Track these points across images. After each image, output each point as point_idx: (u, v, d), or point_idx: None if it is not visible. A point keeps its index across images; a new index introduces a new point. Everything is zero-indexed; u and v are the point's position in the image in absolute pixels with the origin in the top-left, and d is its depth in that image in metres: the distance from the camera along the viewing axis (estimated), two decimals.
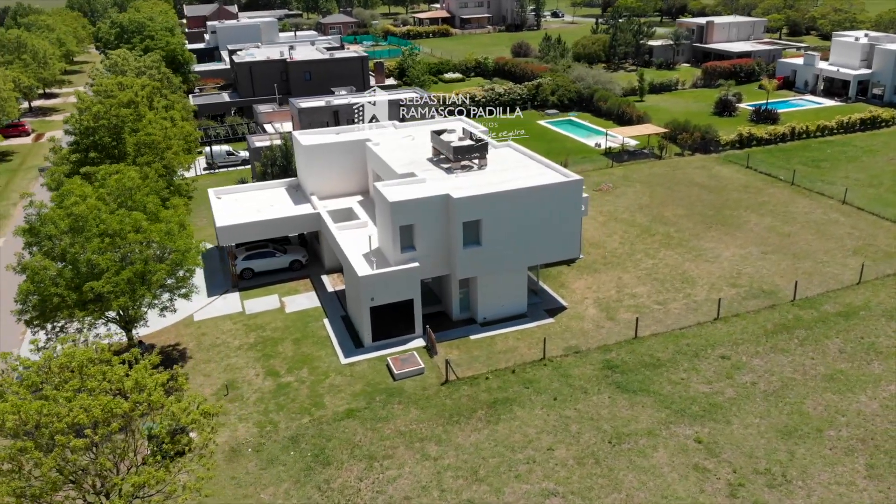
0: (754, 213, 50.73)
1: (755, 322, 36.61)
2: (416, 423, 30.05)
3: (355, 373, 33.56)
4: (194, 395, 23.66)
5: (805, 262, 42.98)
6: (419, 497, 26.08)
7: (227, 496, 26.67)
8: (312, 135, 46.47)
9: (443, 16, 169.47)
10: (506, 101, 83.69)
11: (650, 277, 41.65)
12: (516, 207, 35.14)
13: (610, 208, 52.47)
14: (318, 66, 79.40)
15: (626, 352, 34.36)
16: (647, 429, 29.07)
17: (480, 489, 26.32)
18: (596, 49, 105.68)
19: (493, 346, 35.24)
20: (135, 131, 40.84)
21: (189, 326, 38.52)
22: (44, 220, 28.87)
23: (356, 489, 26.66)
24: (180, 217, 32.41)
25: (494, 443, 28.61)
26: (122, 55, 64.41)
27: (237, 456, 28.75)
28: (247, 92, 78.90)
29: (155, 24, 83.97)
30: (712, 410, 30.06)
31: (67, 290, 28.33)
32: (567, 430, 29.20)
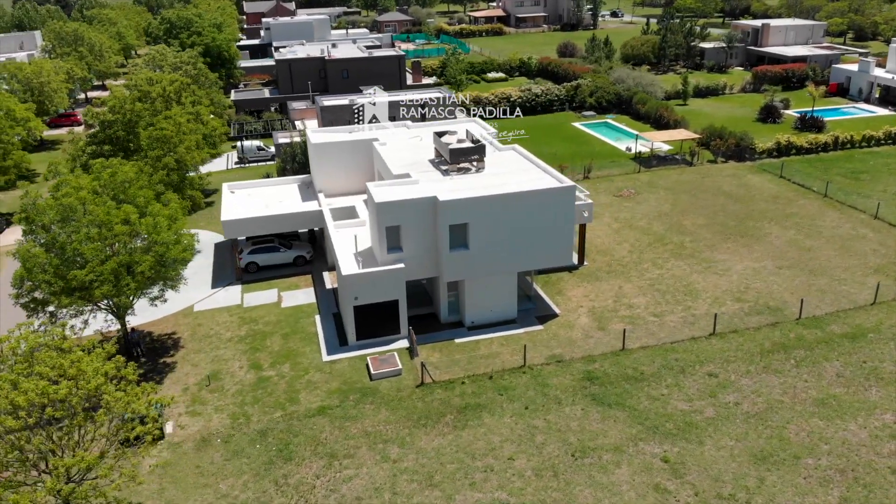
0: (778, 225, 48.63)
1: (753, 339, 35.13)
2: (383, 424, 30.13)
3: (335, 370, 33.89)
4: (146, 385, 24.33)
5: (821, 278, 40.96)
6: (370, 498, 26.16)
7: (187, 484, 27.38)
8: (324, 133, 47.10)
9: (498, 14, 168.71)
10: (542, 102, 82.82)
11: (652, 288, 40.49)
12: (505, 212, 34.73)
13: (627, 215, 51.23)
14: (355, 64, 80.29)
15: (609, 363, 33.53)
16: (614, 444, 28.31)
17: (432, 494, 26.19)
18: (644, 50, 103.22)
19: (476, 350, 34.97)
20: (151, 125, 42.23)
21: (188, 316, 39.67)
22: (37, 209, 30.26)
23: (311, 486, 26.95)
24: (172, 211, 33.36)
25: (456, 449, 28.41)
26: (160, 51, 66.76)
27: (206, 445, 29.47)
28: (286, 89, 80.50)
29: (203, 20, 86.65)
30: (686, 429, 29.02)
31: (55, 277, 29.63)
32: (532, 440, 28.73)
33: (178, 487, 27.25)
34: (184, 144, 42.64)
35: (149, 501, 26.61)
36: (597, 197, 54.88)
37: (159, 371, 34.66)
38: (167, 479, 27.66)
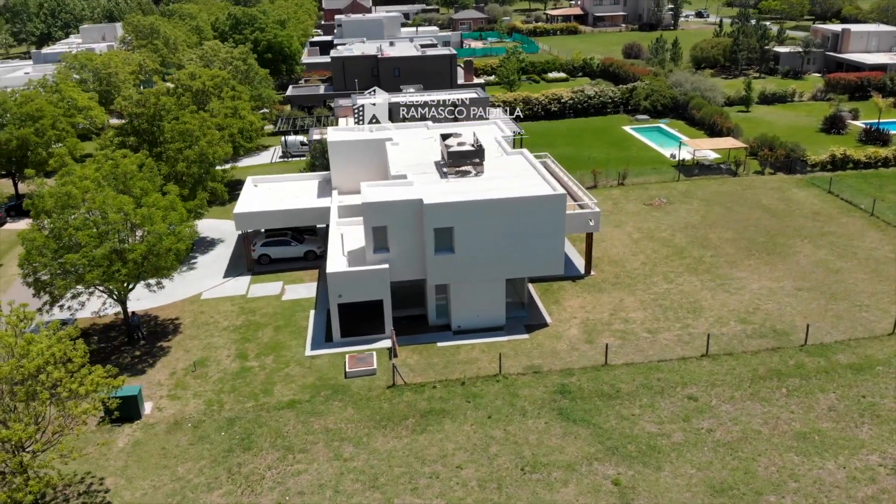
0: (811, 243, 45.78)
1: (747, 364, 33.32)
2: (346, 422, 30.51)
3: (314, 366, 34.54)
4: (96, 368, 25.53)
5: (841, 303, 38.33)
6: (312, 494, 26.59)
7: (149, 463, 28.64)
8: (342, 131, 47.91)
9: (576, 13, 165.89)
10: (595, 104, 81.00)
11: (655, 303, 39.03)
12: (492, 217, 34.35)
13: (652, 225, 49.51)
14: (407, 62, 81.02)
15: (587, 378, 32.62)
16: (568, 462, 27.57)
17: (372, 496, 26.35)
18: (715, 53, 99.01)
19: (456, 355, 34.79)
20: (175, 119, 44.21)
21: (194, 303, 41.36)
22: (41, 196, 32.36)
23: (261, 476, 27.64)
24: (169, 202, 34.84)
25: (408, 452, 28.43)
26: (212, 46, 69.60)
27: (177, 429, 30.72)
28: (339, 85, 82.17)
29: (267, 17, 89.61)
30: (648, 453, 27.91)
31: (52, 260, 31.61)
32: (486, 450, 28.37)
33: (141, 466, 28.56)
34: (205, 138, 44.37)
35: (110, 477, 28.05)
36: (625, 205, 53.40)
37: (154, 354, 36.36)
38: (133, 458, 29.06)
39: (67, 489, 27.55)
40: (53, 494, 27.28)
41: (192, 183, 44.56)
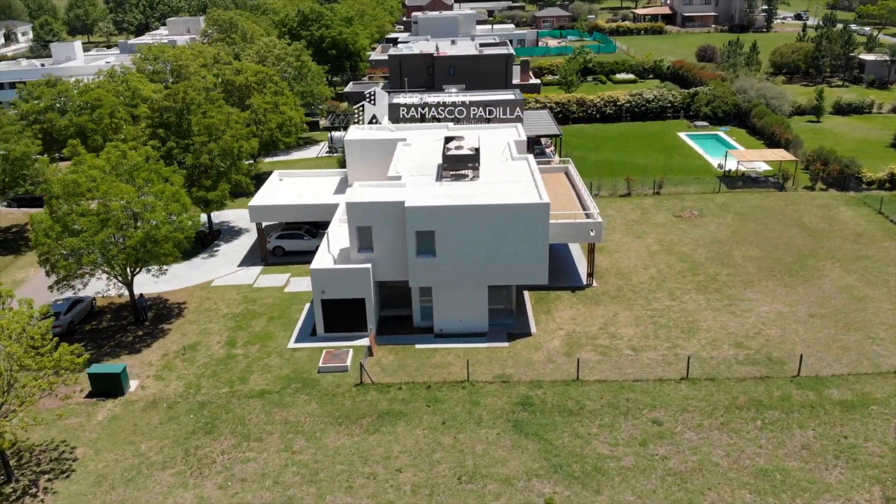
0: (842, 266, 42.73)
1: (728, 391, 31.64)
2: (306, 416, 31.29)
3: (293, 358, 35.54)
4: (62, 346, 27.37)
5: (854, 334, 35.66)
6: (252, 482, 27.51)
7: (118, 438, 30.43)
8: (360, 130, 48.74)
9: (664, 12, 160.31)
10: (654, 109, 78.29)
11: (650, 320, 37.63)
12: (473, 223, 34.17)
13: (675, 238, 47.62)
14: (462, 61, 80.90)
15: (554, 392, 31.95)
16: (507, 476, 27.21)
17: (307, 490, 26.98)
18: (795, 59, 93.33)
19: (430, 358, 34.87)
20: (204, 114, 46.37)
21: (204, 290, 43.37)
22: (50, 182, 34.89)
23: (212, 461, 28.85)
24: (172, 192, 36.70)
25: (354, 451, 28.87)
26: (267, 43, 72.11)
27: (153, 408, 32.47)
28: (396, 83, 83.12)
29: (334, 14, 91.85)
30: (591, 475, 27.12)
31: (56, 242, 34.07)
32: (430, 456, 28.41)
33: (111, 440, 30.42)
34: (229, 133, 46.30)
35: (82, 447, 30.03)
36: (654, 215, 51.59)
37: (154, 335, 38.47)
38: (106, 432, 30.99)
39: (42, 454, 29.76)
40: (28, 458, 29.58)
41: (216, 175, 46.64)
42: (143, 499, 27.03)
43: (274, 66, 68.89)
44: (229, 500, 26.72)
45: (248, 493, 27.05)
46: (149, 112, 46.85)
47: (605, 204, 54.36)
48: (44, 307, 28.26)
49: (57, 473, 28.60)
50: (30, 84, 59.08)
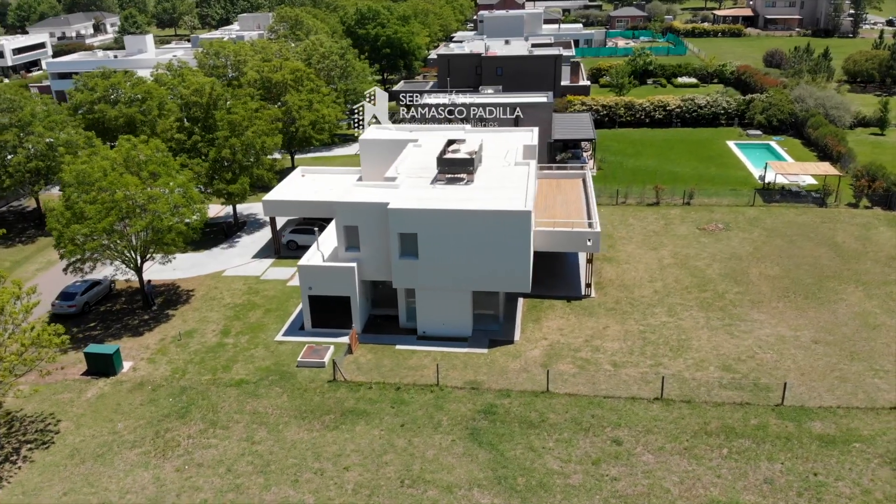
0: (864, 291, 40.08)
1: (701, 415, 30.35)
2: (274, 408, 32.16)
3: (277, 351, 36.53)
4: (45, 327, 29.22)
5: (857, 364, 33.44)
6: (207, 467, 28.55)
7: (100, 416, 32.19)
8: (375, 130, 49.33)
9: (745, 14, 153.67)
10: (706, 115, 75.39)
11: (640, 335, 36.50)
12: (455, 228, 34.13)
13: (692, 252, 45.89)
14: (509, 62, 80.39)
15: (520, 402, 31.54)
16: (450, 483, 27.13)
17: (255, 481, 27.77)
18: (869, 67, 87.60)
19: (408, 360, 35.08)
20: (228, 110, 48.16)
21: (214, 279, 45.11)
22: (65, 172, 37.18)
23: (177, 444, 30.11)
24: (178, 184, 38.39)
25: (310, 447, 29.48)
26: (314, 41, 73.73)
27: (138, 389, 34.16)
28: (444, 83, 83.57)
29: (391, 13, 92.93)
30: (534, 490, 26.67)
31: (64, 227, 36.31)
32: (380, 457, 28.67)
33: (93, 416, 32.24)
34: (251, 129, 47.88)
35: (66, 421, 31.96)
36: (677, 227, 49.88)
37: (158, 320, 40.38)
38: (91, 409, 32.86)
39: (30, 425, 31.89)
40: (18, 427, 31.77)
41: (238, 169, 48.37)
42: (106, 474, 28.56)
43: (318, 63, 70.44)
44: (182, 483, 27.87)
45: (201, 477, 28.12)
46: (178, 106, 48.99)
47: (629, 212, 53.02)
48: (31, 288, 30.24)
49: (38, 444, 30.60)
50: (85, 75, 62.85)
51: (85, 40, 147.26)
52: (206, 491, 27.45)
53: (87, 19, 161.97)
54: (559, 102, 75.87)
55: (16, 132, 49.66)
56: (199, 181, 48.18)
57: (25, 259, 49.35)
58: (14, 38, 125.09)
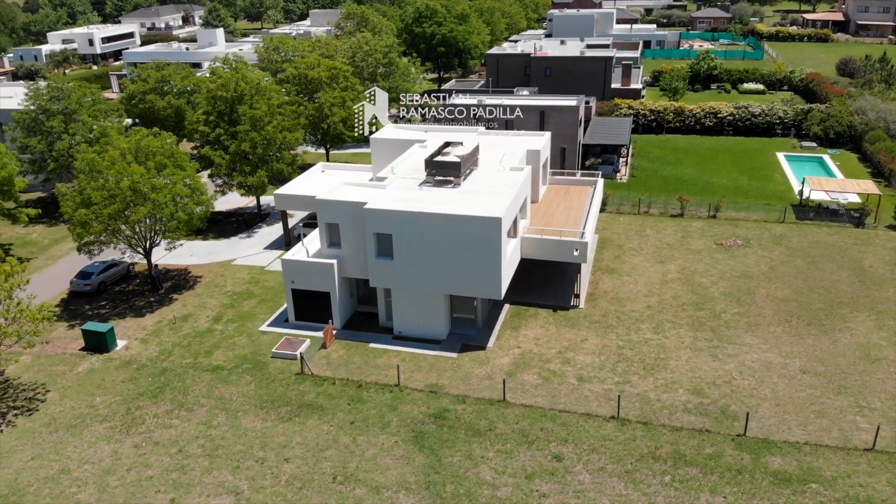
0: (876, 321, 37.42)
1: (655, 438, 29.29)
2: (239, 395, 33.35)
3: (258, 340, 37.79)
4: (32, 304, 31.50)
5: (843, 399, 31.34)
6: (162, 446, 30.00)
7: (83, 389, 34.33)
8: (389, 129, 49.87)
9: (836, 18, 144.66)
10: (761, 124, 71.84)
11: (617, 351, 35.49)
12: (428, 231, 34.25)
13: (700, 268, 44.09)
14: (558, 63, 79.25)
15: (474, 410, 31.39)
16: (379, 484, 27.41)
17: (200, 464, 28.95)
18: None
19: (377, 358, 35.52)
20: (251, 105, 49.94)
21: (223, 266, 47.01)
22: (77, 160, 39.71)
23: (143, 421, 31.78)
24: (184, 176, 40.28)
25: (259, 435, 30.43)
26: (361, 38, 74.82)
27: (125, 367, 36.19)
28: (493, 82, 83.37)
29: (448, 12, 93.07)
30: (460, 498, 26.56)
31: (75, 211, 38.85)
32: (322, 452, 29.27)
33: (78, 390, 34.44)
34: (271, 124, 49.47)
35: (53, 392, 34.28)
36: (693, 241, 48.02)
37: (161, 302, 42.53)
38: (78, 382, 35.09)
39: (22, 392, 34.42)
40: (12, 393, 34.37)
41: (257, 162, 50.14)
42: (73, 444, 30.53)
43: (361, 61, 71.66)
44: (135, 459, 29.43)
45: (154, 455, 29.61)
46: (205, 99, 51.20)
47: (649, 223, 51.44)
48: (22, 265, 32.63)
49: (24, 410, 33.02)
50: (140, 66, 66.54)
51: (172, 31, 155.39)
52: (154, 468, 28.90)
53: (178, 11, 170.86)
54: (605, 106, 74.32)
55: (62, 119, 53.32)
56: (221, 173, 50.41)
57: (63, 238, 52.98)
58: (104, 28, 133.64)
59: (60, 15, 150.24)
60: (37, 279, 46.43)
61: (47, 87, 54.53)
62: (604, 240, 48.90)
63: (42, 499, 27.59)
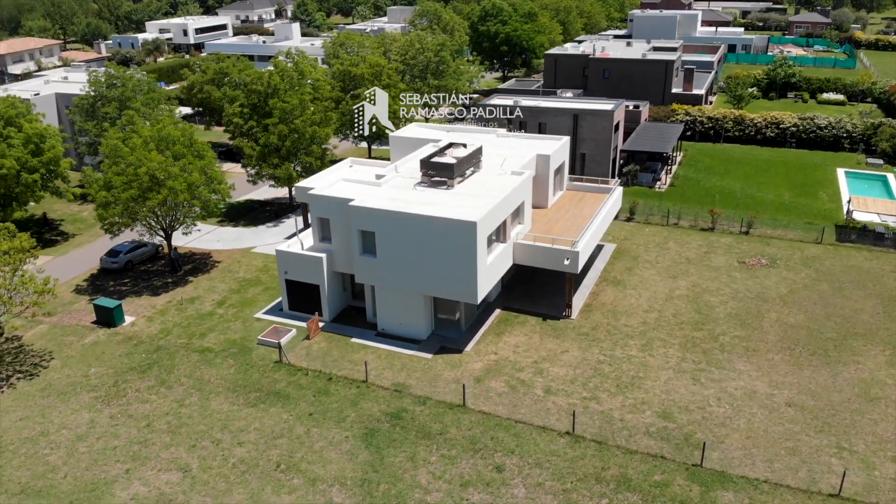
0: (889, 358, 34.57)
1: (605, 459, 28.34)
2: (217, 378, 34.76)
3: (251, 327, 39.18)
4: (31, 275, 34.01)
5: (822, 437, 29.22)
6: (134, 420, 31.73)
7: (83, 360, 36.74)
8: (410, 128, 50.23)
9: None
10: (826, 137, 67.34)
11: (596, 365, 34.47)
12: (408, 231, 34.46)
13: (713, 286, 42.06)
14: (617, 65, 77.00)
15: (431, 412, 31.39)
16: (317, 476, 27.96)
17: (162, 438, 30.44)
18: None
19: (355, 353, 36.07)
20: (284, 101, 51.66)
21: (242, 253, 48.92)
22: (102, 145, 42.41)
23: (125, 394, 33.72)
24: (202, 167, 42.30)
25: (223, 418, 31.65)
26: (414, 37, 75.22)
27: (125, 342, 38.46)
28: (549, 82, 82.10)
29: (516, 11, 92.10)
30: (390, 499, 26.71)
31: (97, 193, 41.58)
32: (274, 440, 30.11)
33: (78, 360, 36.90)
34: (301, 118, 50.91)
35: (57, 360, 36.85)
36: (717, 257, 45.86)
37: (176, 284, 44.79)
38: (81, 352, 37.59)
39: (30, 357, 37.24)
40: (21, 357, 37.26)
41: (285, 154, 51.82)
42: (58, 410, 32.83)
43: (412, 59, 72.35)
44: (107, 428, 31.31)
45: (124, 427, 31.41)
46: (243, 92, 53.33)
47: (674, 235, 49.48)
48: (31, 241, 35.29)
49: (27, 375, 35.77)
50: (202, 58, 69.94)
51: (264, 24, 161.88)
52: (121, 439, 30.67)
53: (271, 5, 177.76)
54: (660, 111, 71.82)
55: (116, 105, 56.95)
56: (251, 163, 52.44)
57: None
58: (199, 19, 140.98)
59: (162, 5, 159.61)
60: (75, 254, 50.21)
61: (105, 75, 58.35)
62: (621, 250, 47.45)
63: (18, 457, 29.89)
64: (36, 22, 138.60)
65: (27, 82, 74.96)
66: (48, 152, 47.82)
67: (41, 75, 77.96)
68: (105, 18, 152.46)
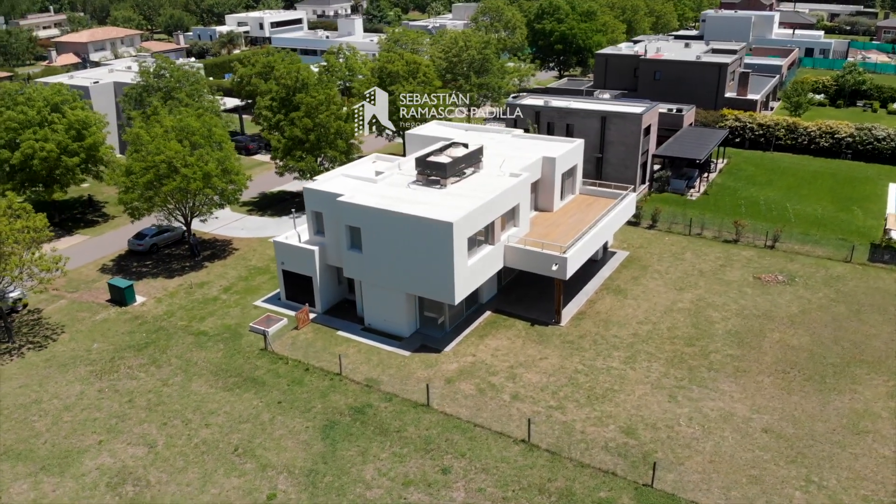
0: (893, 387, 32.22)
1: (553, 471, 27.81)
2: (204, 361, 36.17)
3: (248, 314, 40.49)
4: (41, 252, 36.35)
5: (792, 468, 27.67)
6: (119, 395, 33.48)
7: (90, 336, 38.96)
8: (426, 127, 50.39)
9: None
10: (886, 149, 63.05)
11: (573, 375, 33.78)
12: (389, 229, 34.78)
13: (720, 301, 40.35)
14: (668, 66, 74.42)
15: (395, 410, 31.64)
16: (268, 463, 28.74)
17: (139, 414, 32.01)
18: None
19: (337, 346, 36.71)
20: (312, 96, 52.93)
21: (260, 242, 50.50)
22: (126, 133, 44.71)
23: (117, 370, 35.62)
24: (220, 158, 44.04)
25: (198, 400, 32.95)
26: (459, 35, 74.98)
27: (133, 320, 40.54)
28: (599, 82, 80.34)
29: (573, 9, 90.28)
30: (331, 491, 27.19)
31: (119, 178, 43.96)
32: (240, 424, 31.10)
33: (86, 335, 39.19)
34: (325, 113, 51.98)
35: (67, 333, 39.27)
36: (733, 271, 43.99)
37: (193, 268, 46.74)
38: (89, 328, 39.90)
39: (43, 329, 39.82)
40: (36, 328, 39.91)
41: (309, 147, 53.10)
42: (55, 380, 35.04)
43: (454, 57, 72.35)
44: (93, 401, 33.20)
45: (107, 400, 33.21)
46: (274, 87, 54.93)
47: (694, 246, 47.71)
48: (44, 221, 37.67)
49: (37, 346, 38.32)
50: (249, 52, 72.37)
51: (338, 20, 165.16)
52: (102, 411, 32.47)
53: (348, 0, 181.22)
54: (709, 116, 69.19)
55: (161, 95, 59.85)
56: (278, 156, 54.01)
57: None
58: (275, 13, 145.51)
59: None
60: (109, 235, 53.18)
61: (155, 66, 61.37)
62: (633, 258, 46.15)
63: (9, 421, 32.16)
64: (122, 12, 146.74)
65: (93, 70, 79.69)
66: (89, 138, 50.84)
67: (108, 64, 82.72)
68: (191, 11, 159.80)
